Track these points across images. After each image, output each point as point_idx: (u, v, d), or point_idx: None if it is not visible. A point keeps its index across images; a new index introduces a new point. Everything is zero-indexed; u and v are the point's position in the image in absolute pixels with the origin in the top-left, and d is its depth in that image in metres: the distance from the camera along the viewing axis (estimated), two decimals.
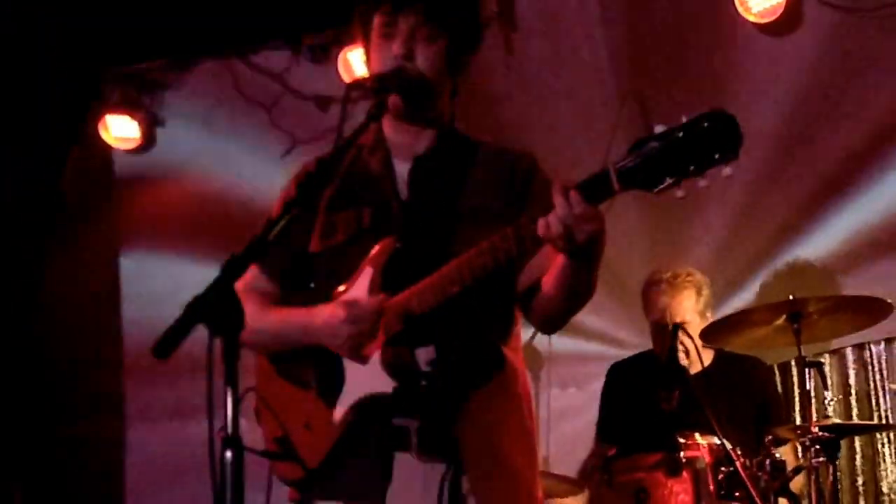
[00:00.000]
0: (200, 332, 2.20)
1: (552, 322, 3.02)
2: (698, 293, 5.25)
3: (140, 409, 7.10)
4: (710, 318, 5.23)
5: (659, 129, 2.44)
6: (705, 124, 2.38)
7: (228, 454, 2.13)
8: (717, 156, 2.38)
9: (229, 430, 2.13)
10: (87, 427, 7.01)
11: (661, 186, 2.45)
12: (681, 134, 2.40)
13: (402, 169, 3.09)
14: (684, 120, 2.41)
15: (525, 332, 3.18)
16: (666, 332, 5.02)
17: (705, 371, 5.15)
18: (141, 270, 7.15)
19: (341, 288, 2.97)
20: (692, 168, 2.40)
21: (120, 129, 7.18)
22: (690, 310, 5.21)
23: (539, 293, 2.94)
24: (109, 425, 7.10)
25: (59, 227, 7.20)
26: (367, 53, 3.11)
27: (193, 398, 5.59)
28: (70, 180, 7.26)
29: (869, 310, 4.66)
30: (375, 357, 2.88)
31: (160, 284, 6.68)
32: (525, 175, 3.07)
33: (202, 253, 6.40)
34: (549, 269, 2.86)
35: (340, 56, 6.57)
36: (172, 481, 6.64)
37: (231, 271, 2.30)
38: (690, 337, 4.94)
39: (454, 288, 2.77)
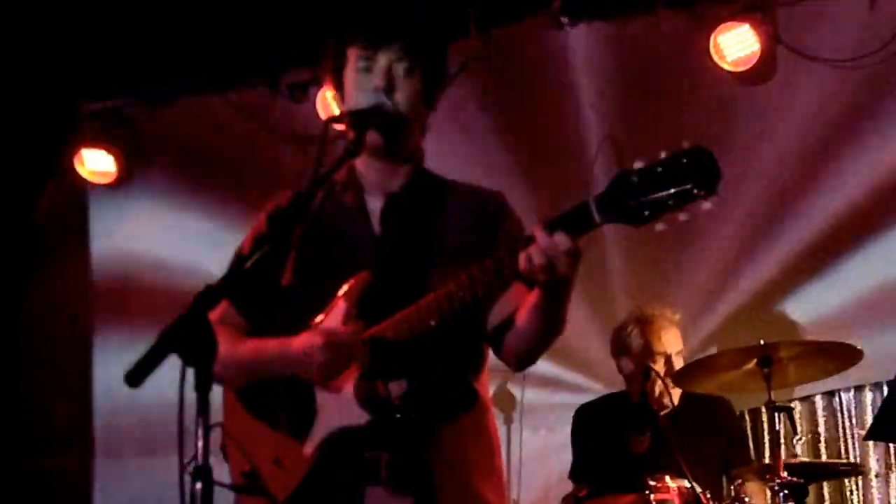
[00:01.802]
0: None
1: (526, 358, 3.02)
2: (679, 332, 5.29)
3: (108, 443, 7.05)
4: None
5: (639, 163, 2.47)
6: (685, 160, 2.42)
7: (198, 485, 2.13)
8: (696, 191, 2.41)
9: (199, 460, 2.14)
10: (54, 461, 6.95)
11: (641, 220, 2.48)
12: (660, 169, 2.44)
13: (374, 205, 3.10)
14: (664, 155, 2.45)
15: (495, 376, 3.18)
16: (649, 371, 5.03)
17: (674, 412, 5.16)
18: (114, 305, 7.10)
19: (318, 318, 2.96)
20: (671, 202, 2.43)
21: (96, 164, 7.14)
22: (677, 347, 5.24)
23: (512, 329, 2.94)
24: (77, 459, 7.04)
25: (33, 260, 7.16)
26: (339, 89, 3.13)
27: (162, 431, 5.58)
28: (45, 214, 7.22)
29: (839, 356, 4.67)
30: (348, 390, 2.87)
31: (133, 318, 6.65)
32: (495, 213, 3.09)
33: (176, 288, 6.38)
34: (521, 305, 2.87)
35: (319, 95, 6.56)
36: None
37: (204, 302, 2.32)
38: (662, 378, 4.96)
39: (432, 321, 2.78)
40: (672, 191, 2.42)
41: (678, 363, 5.15)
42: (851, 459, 5.65)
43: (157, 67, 6.79)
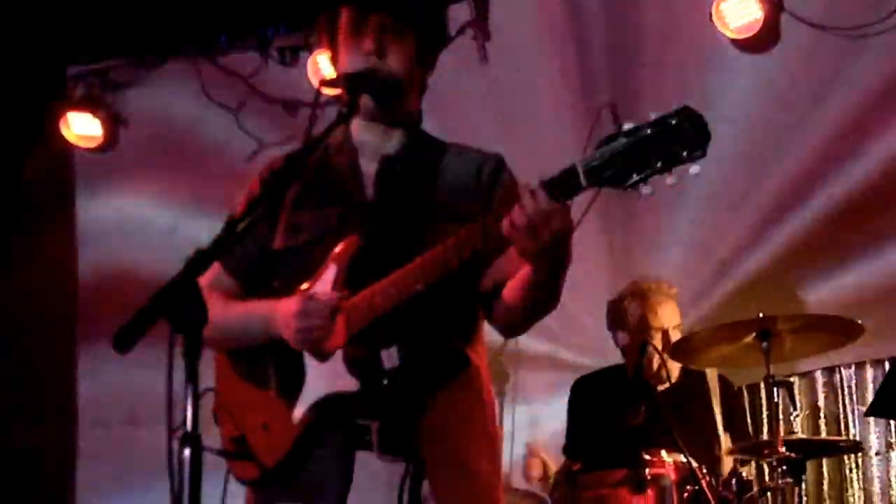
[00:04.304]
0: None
1: (513, 328, 3.02)
2: (677, 305, 5.23)
3: (93, 414, 6.98)
4: None
5: (627, 126, 2.41)
6: (673, 121, 2.36)
7: (187, 451, 2.09)
8: (684, 153, 2.35)
9: (188, 426, 2.10)
10: (38, 435, 6.86)
11: (629, 183, 2.42)
12: (649, 130, 2.37)
13: (369, 169, 3.06)
14: (653, 117, 2.39)
15: (490, 347, 3.13)
16: (646, 346, 4.97)
17: (672, 386, 5.10)
18: (98, 272, 7.03)
19: (304, 286, 2.92)
20: (659, 165, 2.37)
21: (82, 127, 7.08)
22: (675, 321, 5.18)
23: (500, 299, 2.91)
24: (60, 430, 6.97)
25: (16, 227, 7.06)
26: (334, 52, 3.10)
27: (148, 401, 5.52)
28: (30, 178, 7.13)
29: (840, 331, 4.61)
30: (337, 355, 2.83)
31: (118, 286, 6.57)
32: (492, 176, 3.04)
33: (162, 253, 6.28)
34: (513, 273, 2.82)
35: (310, 59, 6.50)
36: (125, 488, 6.57)
37: (195, 267, 2.29)
38: (660, 353, 4.91)
39: (419, 285, 2.73)
40: (660, 153, 2.36)
41: (675, 337, 5.10)
42: (851, 436, 5.61)
43: (145, 30, 6.71)
